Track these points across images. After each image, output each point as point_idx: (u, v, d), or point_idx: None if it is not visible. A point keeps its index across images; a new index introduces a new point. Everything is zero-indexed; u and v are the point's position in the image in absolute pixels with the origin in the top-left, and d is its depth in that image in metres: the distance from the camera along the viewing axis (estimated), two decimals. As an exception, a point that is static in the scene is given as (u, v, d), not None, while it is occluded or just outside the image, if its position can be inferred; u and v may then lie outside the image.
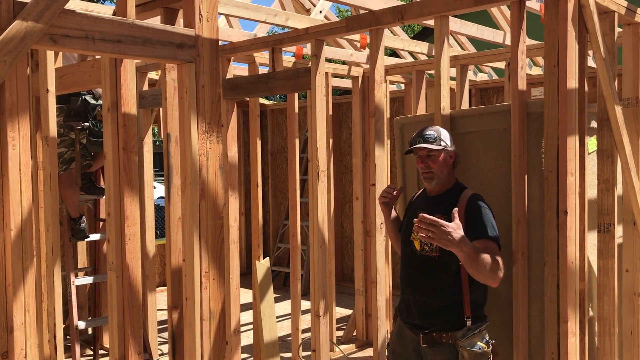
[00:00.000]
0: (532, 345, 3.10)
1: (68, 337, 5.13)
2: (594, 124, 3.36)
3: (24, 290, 2.09)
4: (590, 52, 3.29)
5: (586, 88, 3.09)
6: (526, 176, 3.09)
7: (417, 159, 2.97)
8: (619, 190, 3.43)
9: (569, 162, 2.92)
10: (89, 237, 4.96)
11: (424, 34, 11.04)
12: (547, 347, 3.01)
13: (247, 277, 8.24)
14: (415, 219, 2.55)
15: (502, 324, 3.17)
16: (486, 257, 2.60)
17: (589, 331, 3.22)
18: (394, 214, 3.35)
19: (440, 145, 2.90)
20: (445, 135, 2.96)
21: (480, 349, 2.70)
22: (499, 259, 2.68)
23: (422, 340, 2.83)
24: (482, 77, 6.78)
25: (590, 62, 4.15)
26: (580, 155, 3.04)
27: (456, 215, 2.57)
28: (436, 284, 2.82)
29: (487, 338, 2.77)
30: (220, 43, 2.82)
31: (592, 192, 3.36)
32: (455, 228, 2.52)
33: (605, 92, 3.19)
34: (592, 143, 3.36)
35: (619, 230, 3.42)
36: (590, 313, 3.32)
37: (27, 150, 2.10)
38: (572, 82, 2.94)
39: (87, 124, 4.65)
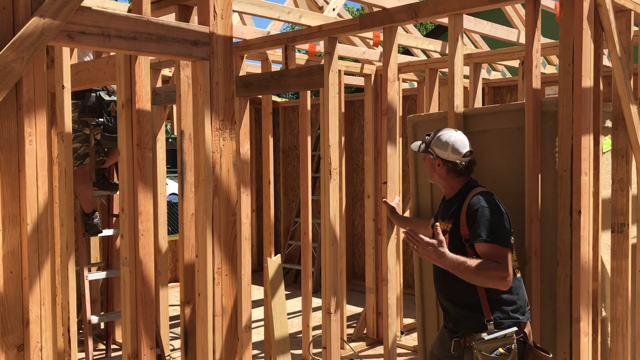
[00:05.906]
0: (544, 344, 3.09)
1: (80, 331, 5.18)
2: (608, 124, 3.34)
3: (39, 284, 2.11)
4: (605, 51, 3.27)
5: (601, 87, 3.07)
6: (540, 175, 3.07)
7: None
8: (633, 190, 3.40)
9: (583, 162, 2.90)
10: (102, 232, 5.00)
11: (436, 32, 11.00)
12: (560, 346, 3.00)
13: (258, 274, 8.28)
14: (404, 231, 2.76)
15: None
16: (473, 267, 2.60)
17: (601, 332, 3.20)
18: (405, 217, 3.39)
19: (424, 150, 3.00)
20: (438, 141, 2.93)
21: (499, 355, 2.62)
22: (502, 261, 2.62)
23: (452, 346, 2.82)
24: (495, 75, 6.74)
25: (606, 61, 4.12)
26: (594, 155, 3.02)
27: (439, 230, 2.66)
28: (454, 287, 2.79)
29: (512, 345, 2.66)
30: (233, 40, 2.83)
31: (606, 191, 3.33)
32: (437, 245, 2.62)
33: (620, 92, 3.17)
34: (606, 142, 3.34)
35: (632, 231, 3.39)
36: (603, 313, 3.30)
37: (44, 146, 2.12)
38: (587, 81, 2.92)
39: (101, 119, 4.68)
